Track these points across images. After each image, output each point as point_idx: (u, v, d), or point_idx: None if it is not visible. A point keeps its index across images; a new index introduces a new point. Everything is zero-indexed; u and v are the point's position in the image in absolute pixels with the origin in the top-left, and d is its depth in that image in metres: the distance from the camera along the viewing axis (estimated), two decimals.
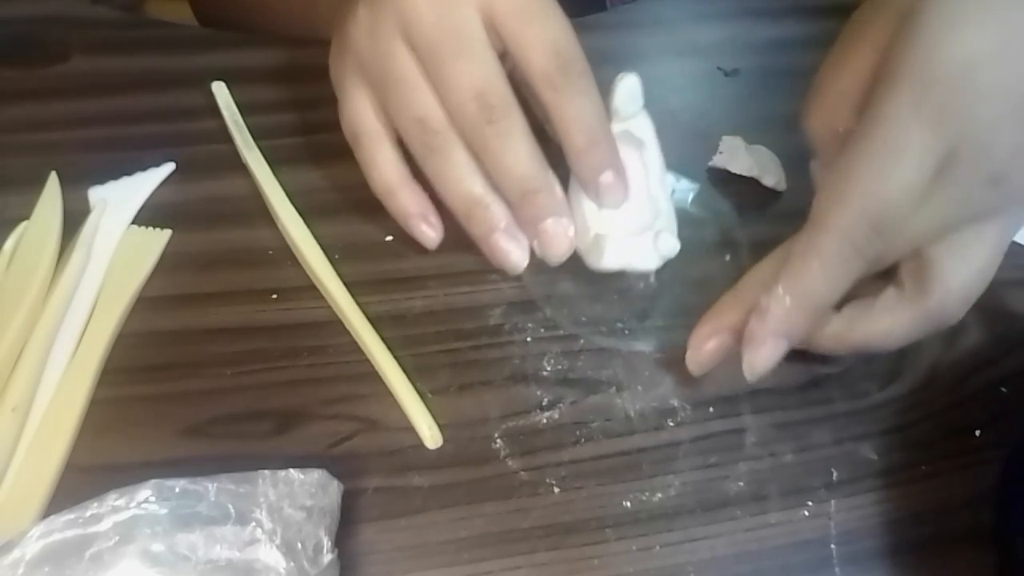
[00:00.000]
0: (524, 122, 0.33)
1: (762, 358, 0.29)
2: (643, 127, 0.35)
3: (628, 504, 0.30)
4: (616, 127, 0.34)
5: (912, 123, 0.27)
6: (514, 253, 0.34)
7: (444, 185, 0.34)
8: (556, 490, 0.30)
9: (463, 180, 0.33)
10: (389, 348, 0.32)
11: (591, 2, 0.55)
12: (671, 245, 0.34)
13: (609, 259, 0.33)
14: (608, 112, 0.34)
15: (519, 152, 0.32)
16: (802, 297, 0.29)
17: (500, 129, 0.32)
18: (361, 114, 0.34)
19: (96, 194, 0.36)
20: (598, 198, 0.33)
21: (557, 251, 0.34)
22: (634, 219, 0.34)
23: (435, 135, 0.33)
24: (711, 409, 0.32)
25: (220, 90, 0.40)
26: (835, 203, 0.28)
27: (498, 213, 0.34)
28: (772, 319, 0.29)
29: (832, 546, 0.29)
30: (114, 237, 0.35)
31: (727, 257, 0.37)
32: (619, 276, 0.35)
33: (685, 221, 0.36)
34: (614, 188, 0.33)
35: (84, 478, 0.29)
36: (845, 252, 0.28)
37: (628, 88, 0.33)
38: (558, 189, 0.34)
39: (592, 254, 0.34)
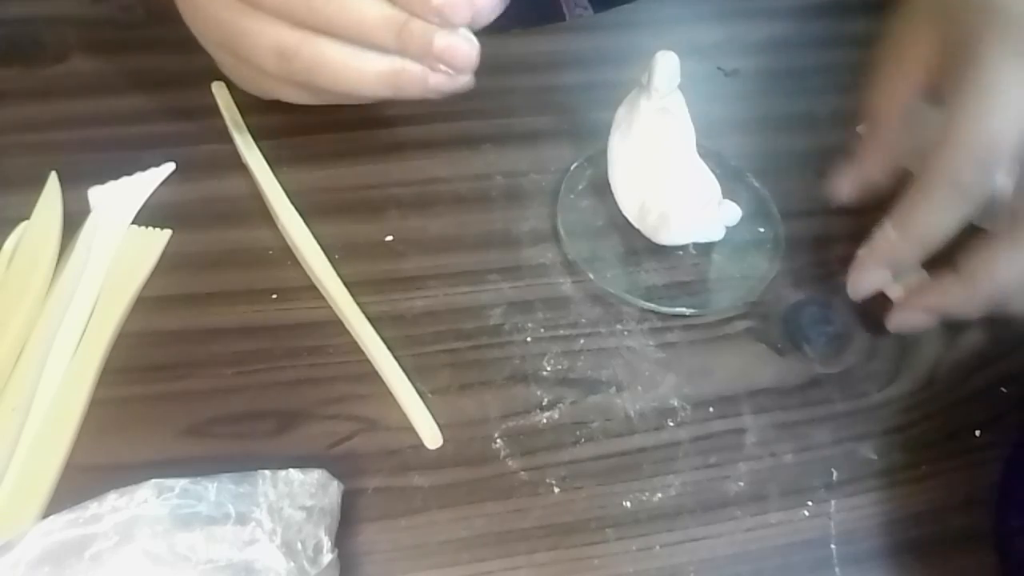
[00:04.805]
0: None
1: (864, 280, 0.34)
2: (678, 103, 0.35)
3: (628, 504, 0.30)
4: (655, 104, 0.35)
5: (1005, 62, 0.30)
6: (463, 46, 0.31)
7: (358, 29, 0.31)
8: (556, 490, 0.30)
9: (369, 8, 0.31)
10: (389, 348, 0.32)
11: (550, 13, 0.55)
12: (734, 213, 0.35)
13: (677, 235, 0.35)
14: (648, 90, 0.34)
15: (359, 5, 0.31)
16: (906, 230, 0.32)
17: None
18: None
19: (96, 194, 0.36)
20: (438, 18, 0.31)
21: (464, 61, 0.32)
22: (695, 192, 0.35)
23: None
24: (711, 409, 0.32)
25: (220, 90, 0.40)
26: (941, 146, 0.31)
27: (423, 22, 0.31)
28: (878, 249, 0.33)
29: (832, 546, 0.29)
30: (114, 237, 0.35)
31: (760, 229, 0.37)
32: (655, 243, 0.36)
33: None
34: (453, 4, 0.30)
35: (84, 478, 0.29)
36: (950, 191, 0.31)
37: (668, 65, 0.34)
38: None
39: (660, 232, 0.35)
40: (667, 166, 0.35)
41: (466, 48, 0.31)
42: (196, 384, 0.31)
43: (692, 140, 0.36)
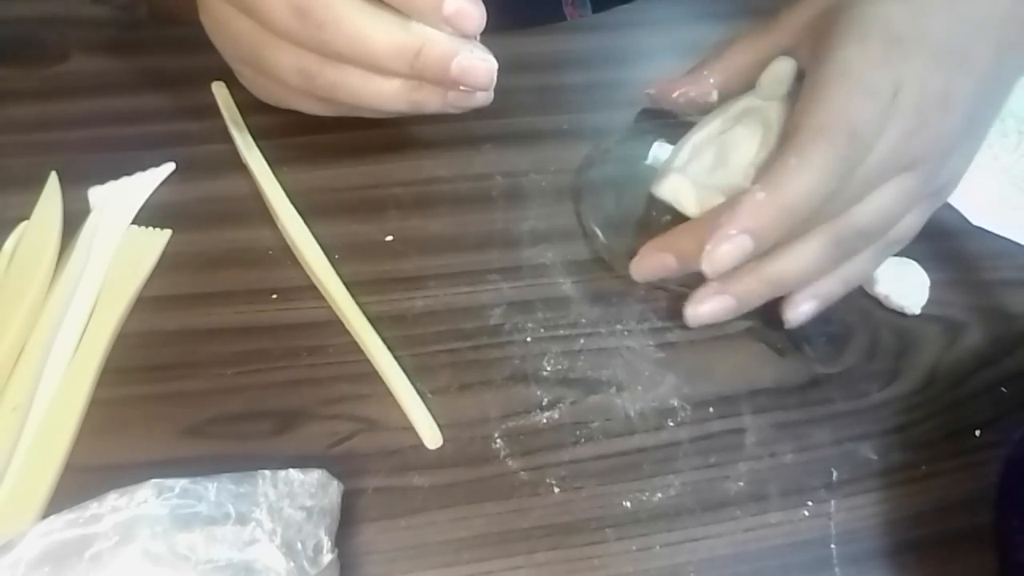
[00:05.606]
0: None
1: (723, 252, 0.29)
2: (777, 114, 0.34)
3: (628, 504, 0.30)
4: (747, 101, 0.34)
5: (867, 65, 0.30)
6: (480, 67, 0.31)
7: (370, 60, 0.31)
8: (556, 490, 0.30)
9: (378, 38, 0.31)
10: (389, 348, 0.32)
11: (550, 13, 0.55)
12: None
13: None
14: (755, 91, 0.34)
15: (366, 30, 0.30)
16: (775, 192, 0.29)
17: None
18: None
19: (96, 194, 0.36)
20: (450, 27, 0.30)
21: (482, 80, 0.32)
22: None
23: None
24: (711, 409, 0.32)
25: (220, 90, 0.40)
26: (812, 116, 0.30)
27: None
28: (742, 211, 0.29)
29: (832, 546, 0.29)
30: (114, 237, 0.35)
31: None
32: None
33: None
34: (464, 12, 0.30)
35: (84, 478, 0.29)
36: (824, 152, 0.29)
37: (781, 70, 0.33)
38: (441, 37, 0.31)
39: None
40: (725, 169, 0.34)
41: (483, 68, 0.32)
42: (196, 384, 0.31)
43: (766, 152, 0.33)
